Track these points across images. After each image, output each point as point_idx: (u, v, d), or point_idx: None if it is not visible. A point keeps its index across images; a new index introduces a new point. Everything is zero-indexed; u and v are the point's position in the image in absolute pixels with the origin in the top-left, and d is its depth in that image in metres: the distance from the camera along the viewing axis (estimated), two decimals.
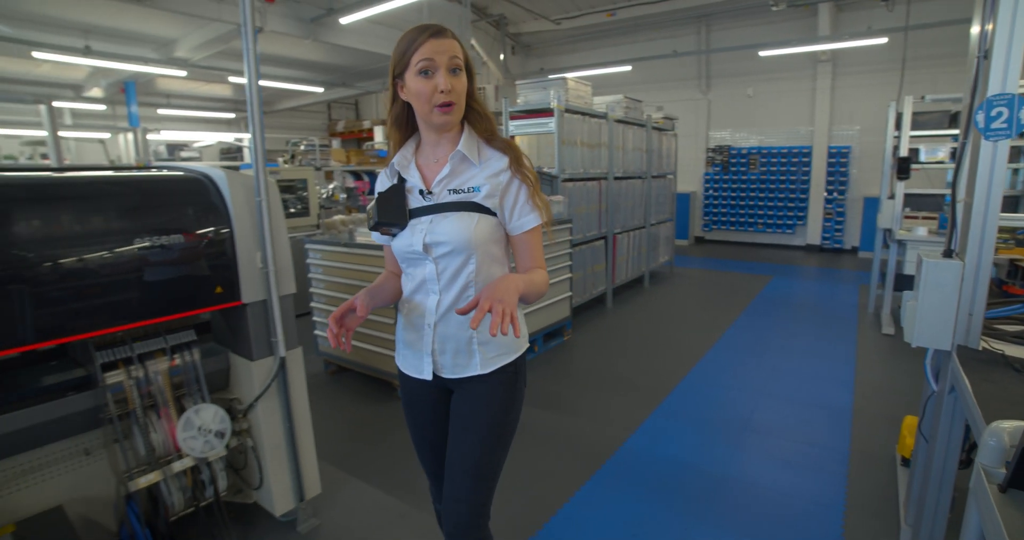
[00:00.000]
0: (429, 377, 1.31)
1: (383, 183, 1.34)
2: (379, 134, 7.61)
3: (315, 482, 2.22)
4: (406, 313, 1.34)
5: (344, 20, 6.22)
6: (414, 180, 1.28)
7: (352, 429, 3.00)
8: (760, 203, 9.24)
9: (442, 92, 1.15)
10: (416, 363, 1.33)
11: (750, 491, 2.36)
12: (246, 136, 8.78)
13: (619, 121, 5.32)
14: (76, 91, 9.87)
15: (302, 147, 7.52)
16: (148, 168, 2.27)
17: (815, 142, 8.62)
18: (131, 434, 1.81)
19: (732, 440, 2.80)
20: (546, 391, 3.43)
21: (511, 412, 1.33)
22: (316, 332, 3.71)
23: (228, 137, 9.47)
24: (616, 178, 5.33)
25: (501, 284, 1.06)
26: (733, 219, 9.59)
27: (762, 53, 8.09)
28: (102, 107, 10.19)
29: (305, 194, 5.16)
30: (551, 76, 4.39)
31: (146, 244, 1.70)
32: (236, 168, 5.23)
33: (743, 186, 9.36)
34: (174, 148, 8.79)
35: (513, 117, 4.67)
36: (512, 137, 4.83)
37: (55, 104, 8.18)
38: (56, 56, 6.66)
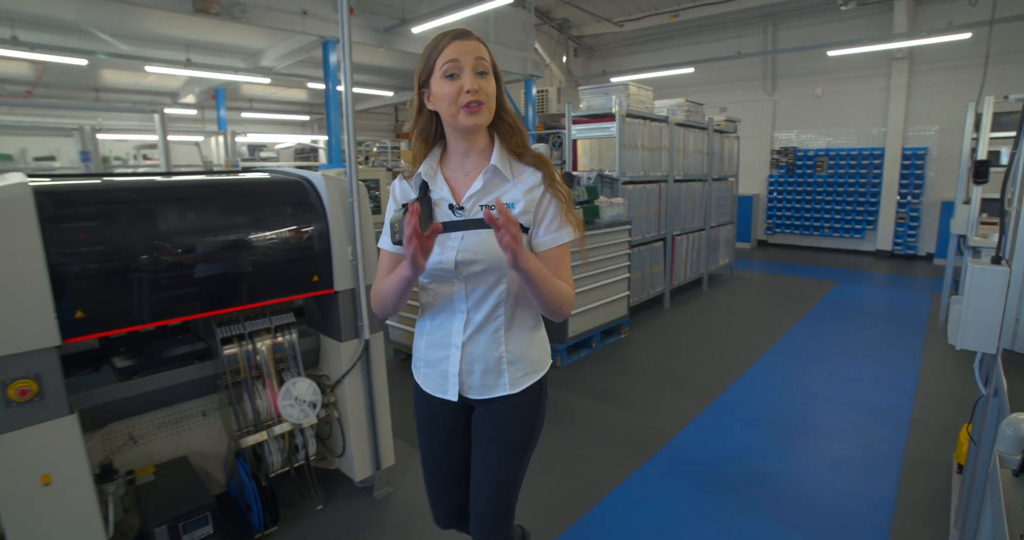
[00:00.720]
0: (455, 398, 1.27)
1: (406, 194, 1.28)
2: None
3: (390, 454, 2.48)
4: (429, 331, 1.29)
5: (416, 29, 6.58)
6: (443, 193, 1.21)
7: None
8: (827, 206, 8.95)
9: (468, 92, 1.10)
10: (440, 383, 1.29)
11: (796, 487, 2.44)
12: (321, 138, 9.37)
13: (680, 124, 5.37)
14: (173, 98, 10.84)
15: (375, 149, 7.95)
16: (252, 171, 2.60)
17: (888, 143, 8.27)
18: (242, 400, 2.13)
19: (783, 439, 2.86)
20: (600, 384, 3.58)
21: (536, 430, 1.33)
22: (388, 322, 4.01)
23: (305, 139, 10.14)
24: (676, 181, 5.39)
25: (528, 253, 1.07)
26: (798, 222, 9.33)
27: (831, 53, 7.86)
28: (193, 112, 11.14)
29: (377, 193, 5.51)
30: (613, 79, 4.51)
31: (259, 238, 2.00)
32: (314, 168, 5.65)
33: (809, 188, 9.09)
34: (254, 149, 9.49)
35: (575, 121, 4.83)
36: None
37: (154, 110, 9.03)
38: (164, 69, 7.46)
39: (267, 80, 8.80)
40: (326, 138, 6.82)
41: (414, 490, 2.47)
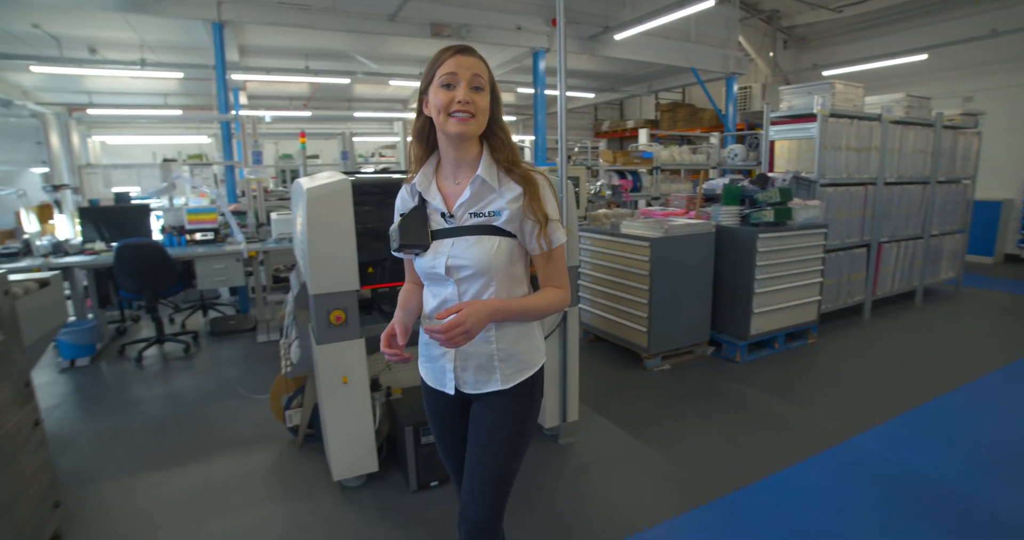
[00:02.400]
0: (452, 392, 1.36)
1: (405, 203, 1.39)
2: (643, 136, 8.24)
3: (575, 410, 2.94)
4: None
5: (618, 36, 6.98)
6: (436, 202, 1.31)
7: (604, 384, 3.70)
8: None
9: (460, 101, 1.19)
10: (439, 377, 1.39)
11: (981, 507, 2.33)
12: (528, 138, 10.31)
13: (896, 122, 4.95)
14: (404, 104, 12.78)
15: (576, 149, 8.58)
16: None
17: None
18: None
19: (978, 461, 2.68)
20: (777, 382, 3.64)
21: (528, 424, 1.39)
22: (581, 306, 4.49)
23: (513, 138, 11.24)
24: (887, 183, 4.99)
25: (476, 310, 1.17)
26: None
27: None
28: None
29: (577, 190, 6.06)
30: (825, 73, 4.26)
31: None
32: None
33: None
34: None
35: (774, 122, 4.78)
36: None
37: (392, 115, 10.78)
38: (403, 82, 9.00)
39: None
40: (532, 138, 7.56)
41: (593, 445, 2.91)
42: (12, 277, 2.22)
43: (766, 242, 3.83)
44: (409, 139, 1.40)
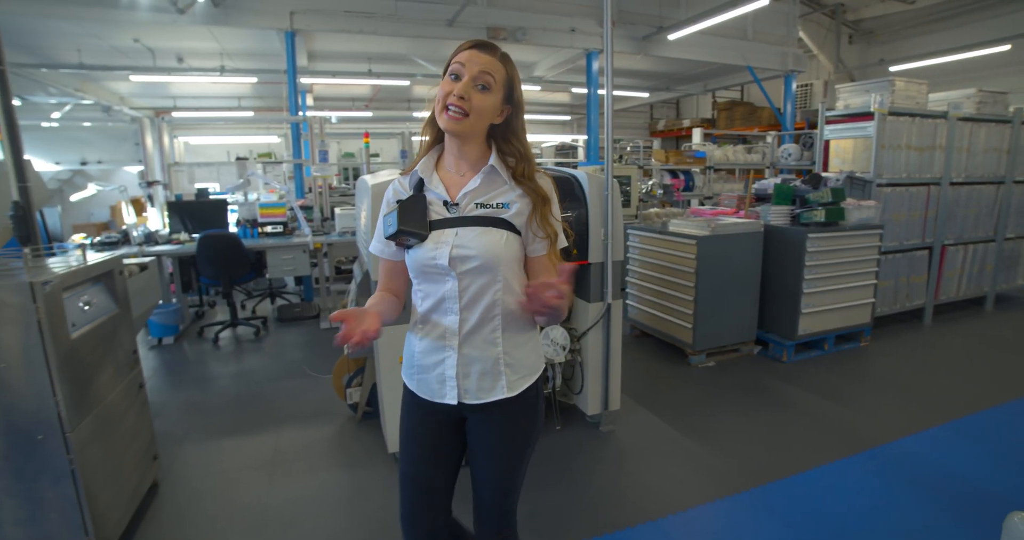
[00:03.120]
0: (454, 401, 1.24)
1: (396, 192, 1.29)
2: (697, 135, 8.18)
3: (617, 400, 3.06)
4: (423, 334, 1.26)
5: (672, 36, 6.98)
6: (439, 190, 1.23)
7: (648, 377, 3.79)
8: None
9: (455, 95, 1.13)
10: (435, 388, 1.26)
11: None
12: (581, 137, 10.41)
13: (965, 119, 4.75)
14: None
15: (628, 148, 8.63)
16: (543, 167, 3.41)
17: None
18: None
19: None
20: (824, 383, 3.62)
21: (535, 434, 1.33)
22: (628, 302, 4.57)
23: (567, 138, 11.41)
24: (953, 183, 4.80)
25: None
26: None
27: None
28: None
29: (628, 188, 6.12)
30: (892, 68, 4.12)
31: None
32: (574, 165, 6.53)
33: None
34: None
35: (829, 121, 4.70)
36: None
37: None
38: None
39: (537, 88, 10.19)
40: (585, 137, 7.67)
41: (632, 434, 3.02)
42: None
43: (816, 242, 3.81)
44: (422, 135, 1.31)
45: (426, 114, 1.25)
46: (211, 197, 5.94)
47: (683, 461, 2.74)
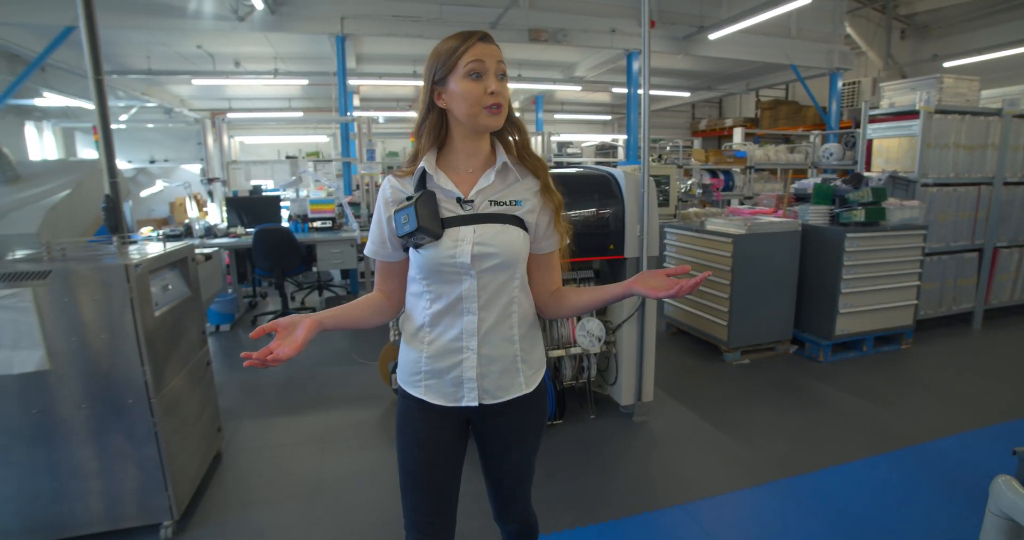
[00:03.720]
0: (475, 403, 1.22)
1: (397, 194, 1.23)
2: (738, 135, 8.12)
3: (650, 392, 3.15)
4: (432, 338, 1.22)
5: (713, 36, 6.95)
6: (449, 187, 1.19)
7: (682, 372, 3.86)
8: None
9: (492, 93, 1.12)
10: (451, 392, 1.23)
11: None
12: (621, 137, 10.44)
13: (1021, 116, 4.61)
14: None
15: (668, 148, 8.65)
16: (570, 167, 3.53)
17: None
18: (555, 325, 3.06)
19: None
20: (860, 383, 3.60)
21: (544, 420, 1.37)
22: (664, 300, 4.65)
23: (607, 138, 11.47)
24: (1007, 183, 4.66)
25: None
26: None
27: None
28: (517, 115, 13.54)
29: (667, 187, 6.16)
30: (947, 64, 3.98)
31: (577, 214, 2.88)
32: (613, 164, 6.60)
33: None
34: (562, 146, 11.13)
35: (872, 120, 4.64)
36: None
37: None
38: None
39: (578, 88, 10.28)
40: (625, 137, 7.73)
41: (664, 424, 3.11)
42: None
43: (855, 242, 3.79)
44: (413, 136, 1.27)
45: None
46: (263, 194, 6.29)
47: (713, 451, 2.82)
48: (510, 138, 1.24)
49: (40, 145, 8.96)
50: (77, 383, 1.97)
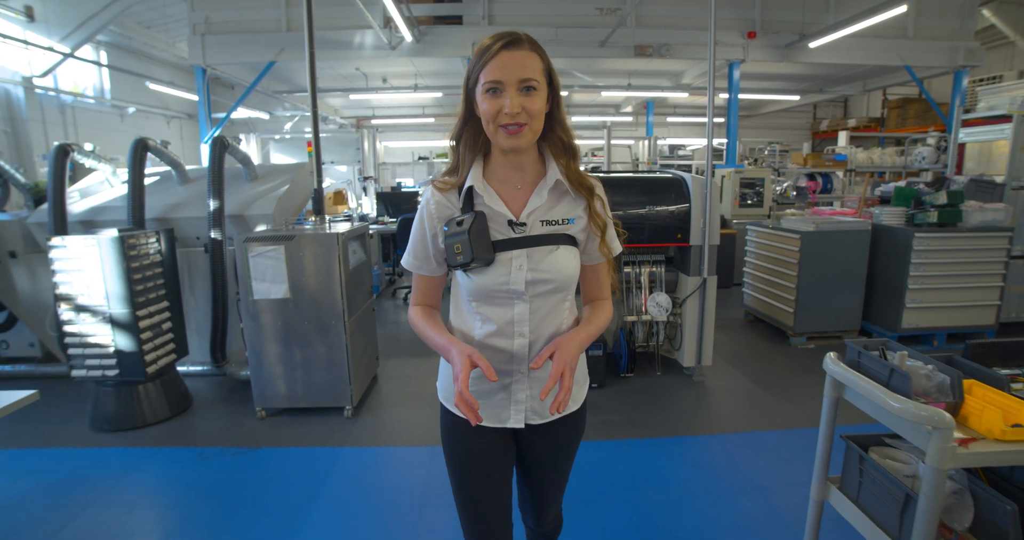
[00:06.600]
0: (521, 425, 1.21)
1: (442, 209, 1.17)
2: (843, 138, 8.09)
3: (709, 356, 3.76)
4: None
5: (813, 44, 7.11)
6: (498, 208, 1.13)
7: (748, 350, 4.41)
8: None
9: (507, 113, 1.03)
10: (498, 412, 1.22)
11: None
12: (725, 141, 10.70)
13: None
14: (616, 109, 14.02)
15: (766, 152, 8.89)
16: (659, 171, 4.21)
17: None
18: (630, 296, 3.80)
19: None
20: None
21: (583, 430, 1.37)
22: (744, 289, 5.15)
23: (716, 142, 11.74)
24: None
25: (571, 348, 1.07)
26: None
27: None
28: (630, 119, 14.13)
29: (761, 190, 6.54)
30: None
31: (654, 210, 3.59)
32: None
33: None
34: (673, 149, 11.56)
35: (966, 124, 4.76)
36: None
37: (601, 119, 12.07)
38: (615, 92, 10.28)
39: (685, 94, 10.68)
40: (724, 141, 8.07)
41: (718, 384, 3.73)
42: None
43: (924, 241, 4.07)
44: (451, 142, 1.19)
45: (587, 119, 1.59)
46: (403, 190, 7.59)
47: (753, 405, 3.41)
48: (558, 154, 1.16)
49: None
50: (304, 308, 3.11)
